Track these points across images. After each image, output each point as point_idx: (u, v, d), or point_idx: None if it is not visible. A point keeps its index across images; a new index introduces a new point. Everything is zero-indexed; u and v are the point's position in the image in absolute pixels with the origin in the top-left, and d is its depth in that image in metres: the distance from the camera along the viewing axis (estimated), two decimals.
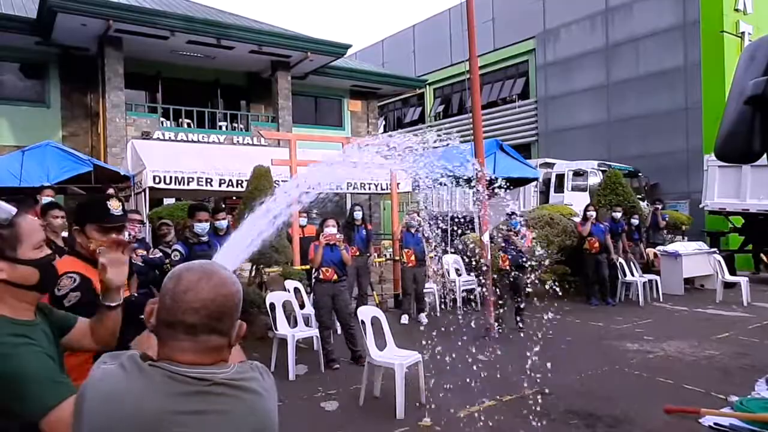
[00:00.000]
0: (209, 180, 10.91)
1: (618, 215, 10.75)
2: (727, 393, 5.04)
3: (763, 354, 6.49)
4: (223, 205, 10.58)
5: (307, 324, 6.97)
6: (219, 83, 15.77)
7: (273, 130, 14.66)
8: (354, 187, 13.35)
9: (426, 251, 9.17)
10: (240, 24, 14.50)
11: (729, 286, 10.27)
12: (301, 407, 5.07)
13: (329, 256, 6.43)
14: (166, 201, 12.34)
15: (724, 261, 10.60)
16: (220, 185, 11.04)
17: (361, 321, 5.26)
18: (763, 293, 10.56)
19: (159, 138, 13.52)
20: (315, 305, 6.61)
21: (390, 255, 12.38)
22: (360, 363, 6.33)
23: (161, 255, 6.09)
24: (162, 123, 14.07)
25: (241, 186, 10.65)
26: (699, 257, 11.12)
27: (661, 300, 10.15)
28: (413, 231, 8.96)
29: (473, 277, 9.72)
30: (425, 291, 9.16)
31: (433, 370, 5.57)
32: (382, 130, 26.55)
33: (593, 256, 9.96)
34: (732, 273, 11.17)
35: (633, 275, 10.26)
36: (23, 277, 1.57)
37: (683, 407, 4.68)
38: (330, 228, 6.48)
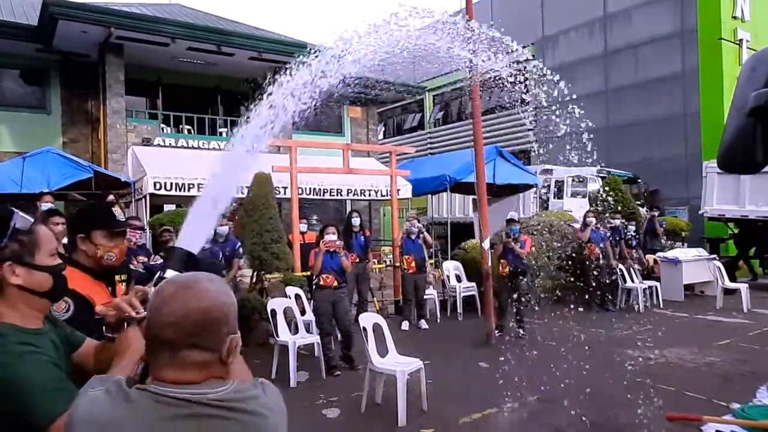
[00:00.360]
0: None
1: (617, 222, 10.79)
2: (729, 400, 5.04)
3: (764, 361, 6.49)
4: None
5: (308, 330, 6.97)
6: (219, 90, 15.81)
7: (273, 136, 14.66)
8: (354, 194, 13.37)
9: (426, 258, 9.18)
10: (240, 31, 14.56)
11: (729, 292, 10.28)
12: (303, 414, 5.06)
13: (329, 262, 6.45)
14: (166, 207, 12.34)
15: (724, 267, 10.61)
16: None
17: (363, 328, 5.25)
18: (763, 300, 10.56)
19: (159, 144, 13.54)
20: (315, 312, 6.61)
21: (390, 261, 12.39)
22: (353, 366, 6.33)
23: (162, 261, 6.09)
24: (162, 129, 14.09)
25: (241, 192, 10.65)
26: (699, 264, 11.13)
27: (662, 306, 10.15)
28: (413, 237, 8.97)
29: (473, 284, 9.74)
30: (426, 297, 9.16)
31: (435, 376, 5.56)
32: (381, 136, 26.59)
33: (593, 262, 9.97)
34: (732, 279, 11.18)
35: (633, 281, 10.27)
36: (38, 284, 1.59)
37: (685, 415, 4.67)
38: (330, 235, 6.50)
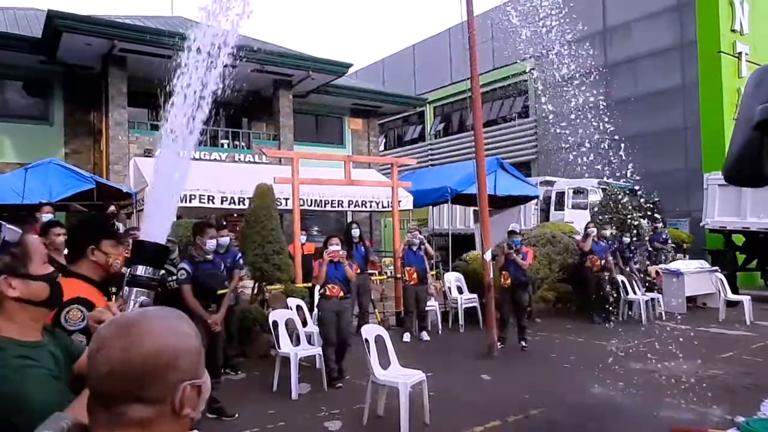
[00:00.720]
0: (211, 197, 10.93)
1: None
2: (733, 413, 5.00)
3: None
4: (224, 222, 10.62)
5: (310, 342, 6.94)
6: (221, 101, 15.87)
7: (274, 147, 14.73)
8: (355, 205, 13.38)
9: (428, 269, 9.17)
10: (242, 44, 14.64)
11: (731, 304, 10.25)
12: (304, 427, 5.03)
13: (334, 273, 6.45)
14: None
15: (726, 279, 10.60)
16: (221, 203, 11.06)
17: (365, 339, 5.23)
18: (766, 312, 10.53)
19: None
20: (320, 322, 6.59)
21: (391, 273, 12.37)
22: (342, 377, 6.29)
23: (164, 273, 6.09)
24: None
25: (243, 204, 10.67)
26: (701, 276, 11.11)
27: (664, 319, 10.12)
28: (415, 249, 8.96)
29: (475, 295, 9.72)
30: (427, 309, 9.13)
31: (437, 389, 5.53)
32: (382, 147, 26.67)
33: (595, 273, 9.95)
34: (734, 291, 11.15)
35: (635, 293, 10.24)
36: (35, 293, 1.59)
37: (690, 428, 4.64)
38: (334, 245, 6.51)
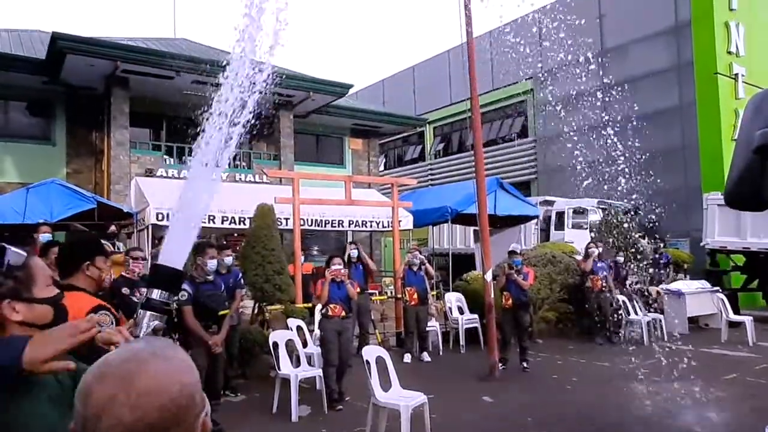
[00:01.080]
0: (212, 217, 10.94)
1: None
2: None
3: None
4: (225, 242, 10.61)
5: (310, 363, 6.89)
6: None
7: (275, 167, 14.79)
8: (355, 225, 13.38)
9: (428, 289, 9.14)
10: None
11: (733, 325, 10.20)
12: None
13: (336, 293, 6.46)
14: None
15: (727, 299, 10.56)
16: (222, 222, 11.06)
17: (366, 361, 5.20)
18: None
19: (162, 175, 13.63)
20: (322, 342, 6.56)
21: (391, 293, 12.32)
22: (342, 399, 6.24)
23: (147, 281, 6.05)
24: (165, 160, 14.20)
25: (244, 223, 10.67)
26: (702, 296, 11.07)
27: (666, 339, 10.05)
28: (415, 269, 8.95)
29: (476, 316, 9.68)
30: (428, 329, 9.09)
31: (439, 411, 5.48)
32: (382, 167, 26.78)
33: (596, 294, 9.92)
34: (736, 312, 11.10)
35: (637, 314, 10.20)
36: (39, 317, 1.58)
37: None
38: (336, 265, 6.53)
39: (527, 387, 7.23)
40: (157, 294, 1.51)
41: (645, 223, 17.15)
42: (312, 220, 12.05)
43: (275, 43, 1.61)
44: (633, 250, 12.92)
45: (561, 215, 16.76)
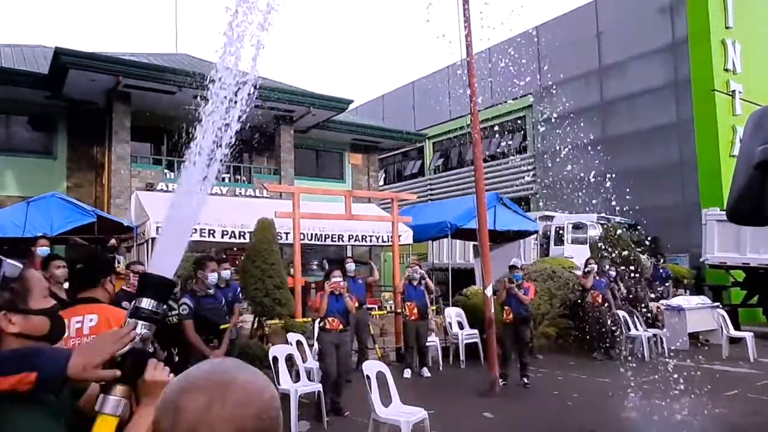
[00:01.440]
0: (212, 231, 10.94)
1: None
2: None
3: None
4: (224, 256, 10.60)
5: (310, 378, 6.85)
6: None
7: (275, 182, 14.84)
8: (355, 239, 13.38)
9: (428, 304, 9.11)
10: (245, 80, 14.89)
11: (734, 341, 10.17)
12: None
13: (335, 305, 6.47)
14: None
15: (727, 315, 10.53)
16: (222, 236, 11.07)
17: (366, 376, 5.17)
18: None
19: (162, 189, 13.65)
20: (320, 355, 6.54)
21: (390, 307, 12.29)
22: (341, 414, 6.20)
23: (165, 308, 6.04)
24: (166, 174, 14.24)
25: (243, 237, 10.68)
26: (703, 311, 11.05)
27: (667, 355, 10.01)
28: (415, 284, 8.93)
29: (476, 331, 9.65)
30: (428, 344, 9.05)
31: (439, 427, 5.44)
32: (382, 182, 26.85)
33: (596, 309, 9.90)
34: (736, 328, 11.07)
35: (637, 329, 10.17)
36: (36, 328, 1.58)
37: None
38: (336, 277, 6.55)
39: (528, 403, 7.19)
40: (146, 303, 1.46)
41: (644, 239, 17.18)
42: (312, 234, 12.06)
43: (258, 50, 1.61)
44: (633, 266, 12.94)
45: (560, 230, 16.77)
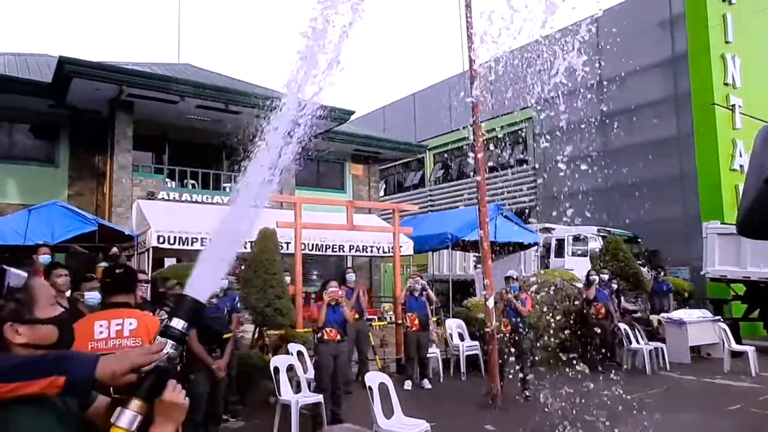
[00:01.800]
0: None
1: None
2: None
3: None
4: None
5: (311, 389, 6.82)
6: (224, 146, 16.10)
7: (276, 192, 14.85)
8: (355, 250, 13.38)
9: (430, 315, 9.09)
10: (247, 90, 14.97)
11: (735, 355, 10.13)
12: None
13: (332, 316, 6.45)
14: (167, 261, 12.31)
15: (729, 329, 10.50)
16: None
17: (369, 387, 5.15)
18: None
19: (164, 198, 13.66)
20: (317, 366, 6.51)
21: (390, 318, 12.26)
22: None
23: (170, 310, 6.01)
24: (167, 183, 14.26)
25: (245, 247, 10.66)
26: (704, 325, 11.02)
27: (668, 369, 9.97)
28: (417, 295, 8.91)
29: (476, 342, 9.61)
30: (428, 356, 9.01)
31: None
32: (382, 193, 26.89)
33: (599, 321, 9.88)
34: (738, 341, 11.03)
35: (639, 342, 10.13)
36: (43, 337, 1.57)
37: None
38: (333, 287, 6.54)
39: (530, 416, 7.14)
40: (177, 323, 1.50)
41: (644, 251, 17.17)
42: (312, 244, 12.06)
43: (324, 84, 1.67)
44: (633, 279, 12.92)
45: (561, 242, 16.77)
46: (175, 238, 10.61)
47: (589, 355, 10.16)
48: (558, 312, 10.36)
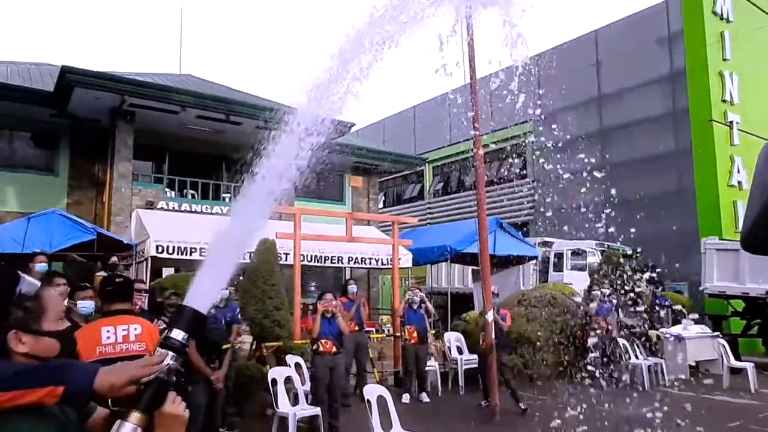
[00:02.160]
0: None
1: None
2: None
3: None
4: None
5: (308, 401, 6.77)
6: (224, 156, 16.12)
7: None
8: (354, 262, 13.36)
9: (428, 328, 9.05)
10: (247, 101, 15.02)
11: (734, 371, 10.10)
12: None
13: (327, 328, 6.42)
14: (165, 271, 12.26)
15: (728, 345, 10.48)
16: None
17: (367, 400, 5.12)
18: None
19: (163, 208, 13.65)
20: (313, 378, 6.47)
21: (388, 330, 12.21)
22: None
23: (169, 320, 5.98)
24: (167, 193, 14.25)
25: (244, 258, 10.65)
26: (703, 341, 11.00)
27: (667, 384, 9.93)
28: (415, 307, 8.88)
29: (475, 356, 9.56)
30: (427, 369, 8.96)
31: None
32: (381, 205, 26.90)
33: (599, 336, 9.85)
34: (737, 358, 11.00)
35: (637, 358, 10.10)
36: (45, 350, 1.55)
37: None
38: (328, 298, 6.53)
39: (527, 430, 7.09)
40: (177, 334, 1.47)
41: (643, 267, 17.16)
42: (311, 256, 12.04)
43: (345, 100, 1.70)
44: (632, 294, 12.89)
45: (560, 256, 16.77)
46: (174, 247, 10.59)
47: (589, 370, 10.12)
48: (557, 326, 10.34)
